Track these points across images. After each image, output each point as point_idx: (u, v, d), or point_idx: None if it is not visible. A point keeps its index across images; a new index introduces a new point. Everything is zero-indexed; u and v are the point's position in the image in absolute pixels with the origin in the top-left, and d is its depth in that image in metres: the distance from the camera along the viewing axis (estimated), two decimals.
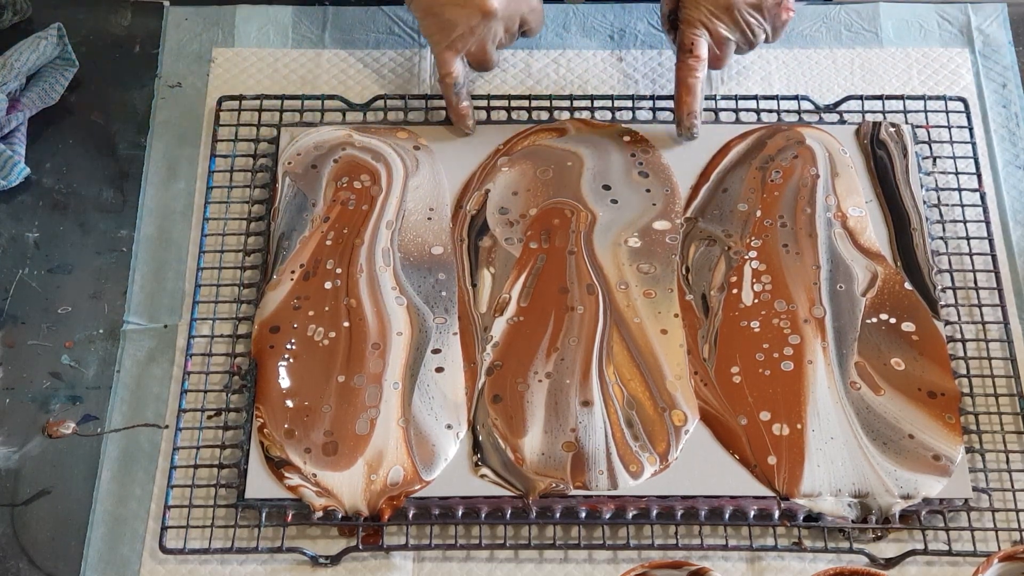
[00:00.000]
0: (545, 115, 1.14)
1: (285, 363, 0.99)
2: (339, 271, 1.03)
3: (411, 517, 0.93)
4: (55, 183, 1.11)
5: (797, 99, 1.14)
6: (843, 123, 1.13)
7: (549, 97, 1.14)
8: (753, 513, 0.93)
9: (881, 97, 1.14)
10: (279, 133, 1.11)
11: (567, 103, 1.14)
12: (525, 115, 1.14)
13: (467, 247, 1.05)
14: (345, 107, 1.14)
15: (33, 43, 1.13)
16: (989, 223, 1.07)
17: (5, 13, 1.18)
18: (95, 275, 1.06)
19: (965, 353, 1.01)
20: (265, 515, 0.93)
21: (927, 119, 1.13)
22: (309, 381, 0.98)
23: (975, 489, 0.94)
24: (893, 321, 1.01)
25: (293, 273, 1.03)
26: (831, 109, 1.14)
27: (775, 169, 1.09)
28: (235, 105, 1.13)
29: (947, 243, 1.06)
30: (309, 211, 1.06)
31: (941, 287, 1.03)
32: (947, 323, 1.02)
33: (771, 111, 1.14)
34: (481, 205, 1.07)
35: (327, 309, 1.01)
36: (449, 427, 0.96)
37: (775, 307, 1.02)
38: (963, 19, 1.21)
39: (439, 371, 0.99)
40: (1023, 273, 1.06)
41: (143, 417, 0.99)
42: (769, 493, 0.93)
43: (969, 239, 1.06)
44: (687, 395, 0.97)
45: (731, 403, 0.97)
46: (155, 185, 1.11)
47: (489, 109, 1.13)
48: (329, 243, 1.05)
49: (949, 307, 1.03)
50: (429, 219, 1.07)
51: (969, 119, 1.13)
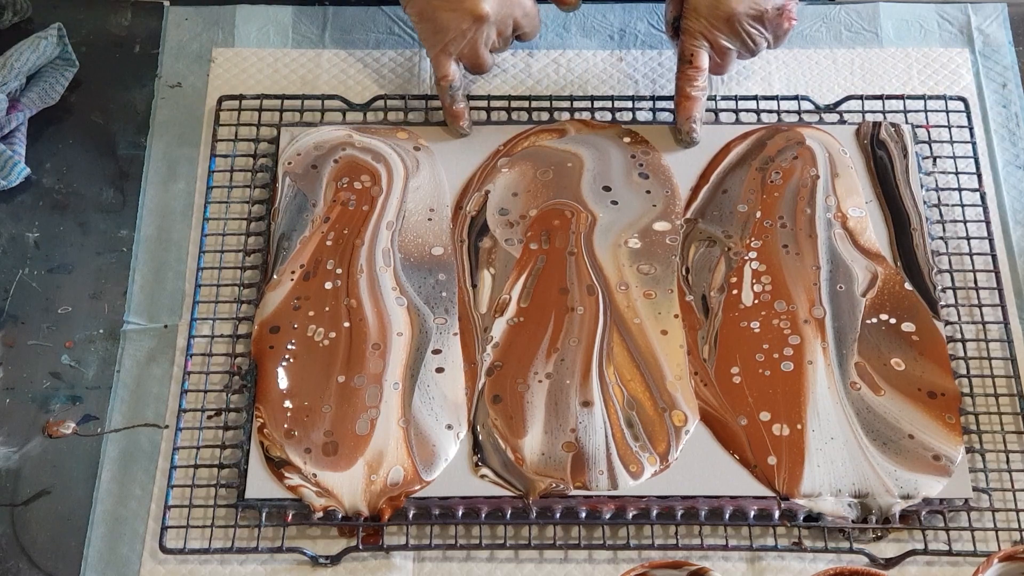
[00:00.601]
0: (545, 115, 1.14)
1: (285, 363, 0.99)
2: (339, 271, 1.03)
3: (411, 517, 0.93)
4: (55, 183, 1.11)
5: (797, 99, 1.14)
6: (843, 123, 1.13)
7: (549, 98, 1.14)
8: (753, 513, 0.93)
9: (881, 97, 1.14)
10: (279, 133, 1.11)
11: (567, 103, 1.14)
12: (525, 116, 1.14)
13: (467, 248, 1.05)
14: (345, 107, 1.14)
15: (33, 43, 1.13)
16: (989, 223, 1.07)
17: (5, 13, 1.18)
18: (95, 275, 1.06)
19: (965, 353, 1.01)
20: (265, 515, 0.93)
21: (927, 119, 1.13)
22: (309, 381, 0.98)
23: (975, 489, 0.94)
24: (893, 321, 1.01)
25: (293, 273, 1.03)
26: (831, 109, 1.14)
27: (775, 170, 1.09)
28: (235, 105, 1.13)
29: (947, 243, 1.06)
30: (309, 211, 1.06)
31: (941, 287, 1.03)
32: (947, 323, 1.02)
33: (771, 111, 1.14)
34: (481, 206, 1.07)
35: (327, 309, 1.01)
36: (449, 427, 0.96)
37: (775, 307, 1.02)
38: (963, 19, 1.21)
39: (439, 371, 0.99)
40: (1023, 273, 1.06)
41: (143, 417, 0.99)
42: (769, 493, 0.93)
43: (969, 239, 1.06)
44: (687, 395, 0.97)
45: (731, 403, 0.97)
46: (155, 185, 1.11)
47: (489, 110, 1.13)
48: (329, 243, 1.05)
49: (949, 307, 1.03)
50: (429, 220, 1.07)
51: (969, 119, 1.13)
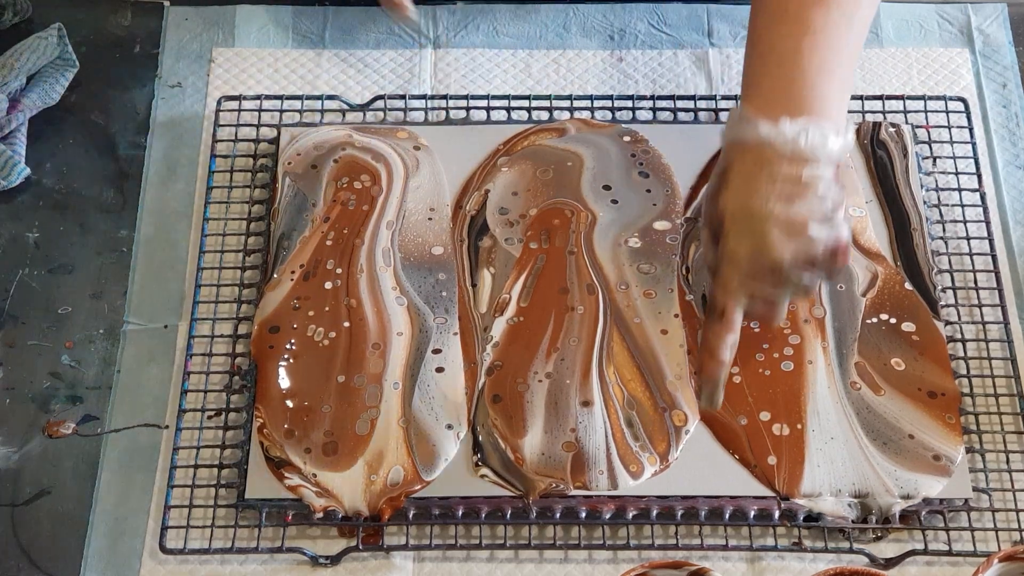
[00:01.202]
0: (545, 115, 1.13)
1: (285, 363, 0.98)
2: (339, 271, 1.03)
3: (411, 517, 0.93)
4: (55, 183, 1.11)
5: None
6: None
7: (549, 97, 1.14)
8: (753, 513, 0.93)
9: (881, 97, 1.14)
10: (279, 133, 1.11)
11: (567, 103, 1.14)
12: (525, 115, 1.14)
13: (467, 247, 1.05)
14: (345, 107, 1.14)
15: (33, 43, 1.13)
16: (989, 223, 1.07)
17: (5, 13, 1.18)
18: (95, 275, 1.06)
19: (965, 353, 1.01)
20: (265, 515, 0.93)
21: (927, 119, 1.13)
22: (309, 381, 0.98)
23: (975, 489, 0.94)
24: (893, 321, 1.01)
25: (293, 273, 1.03)
26: None
27: None
28: (235, 105, 1.13)
29: (947, 243, 1.06)
30: (309, 211, 1.06)
31: (941, 287, 1.03)
32: (947, 323, 1.02)
33: None
34: (481, 205, 1.07)
35: (327, 309, 1.01)
36: (449, 427, 0.96)
37: None
38: (963, 19, 1.21)
39: (439, 371, 0.98)
40: (1023, 273, 1.06)
41: (143, 417, 0.99)
42: (769, 493, 0.93)
43: (969, 239, 1.06)
44: (687, 395, 0.97)
45: (731, 403, 0.97)
46: (155, 185, 1.10)
47: (489, 109, 1.13)
48: (329, 243, 1.05)
49: (949, 307, 1.03)
50: (429, 219, 1.07)
51: (969, 119, 1.13)
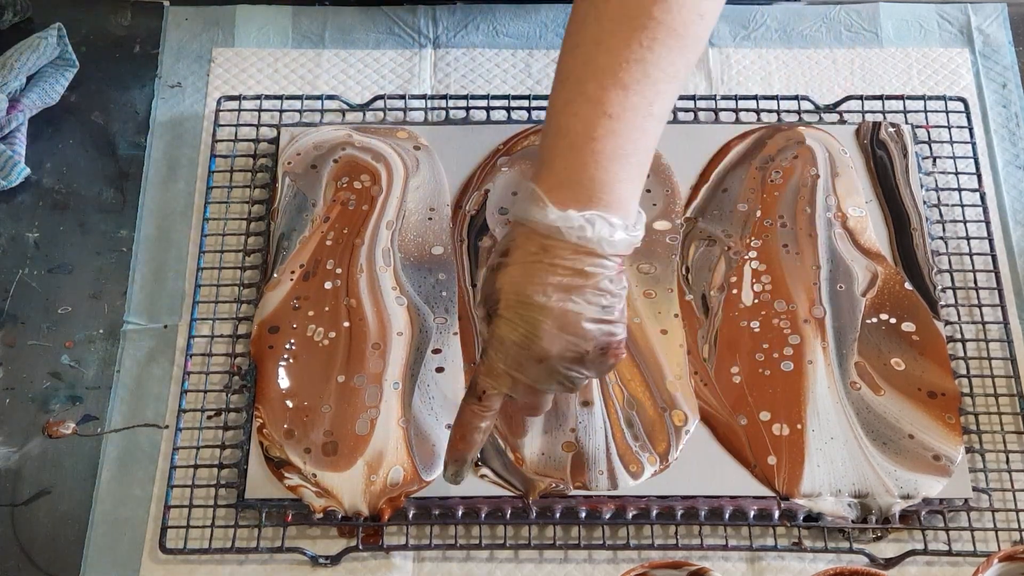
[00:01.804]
0: (544, 115, 1.13)
1: (284, 363, 0.98)
2: (339, 271, 1.03)
3: (411, 517, 0.93)
4: (55, 183, 1.11)
5: (797, 99, 1.14)
6: (843, 123, 1.13)
7: (549, 97, 1.14)
8: (753, 513, 0.93)
9: (881, 97, 1.14)
10: (279, 133, 1.11)
11: None
12: (525, 115, 1.14)
13: (467, 247, 1.05)
14: (345, 107, 1.14)
15: (33, 43, 1.13)
16: (989, 223, 1.07)
17: (5, 13, 1.18)
18: (95, 275, 1.06)
19: (965, 353, 1.01)
20: (265, 515, 0.93)
21: (927, 119, 1.13)
22: (309, 381, 0.98)
23: (975, 489, 0.94)
24: (893, 321, 1.01)
25: (293, 273, 1.03)
26: (831, 109, 1.14)
27: (775, 169, 1.09)
28: (235, 105, 1.13)
29: (947, 243, 1.06)
30: (309, 211, 1.06)
31: (941, 287, 1.03)
32: (947, 323, 1.02)
33: (771, 111, 1.14)
34: (481, 205, 1.07)
35: (327, 309, 1.01)
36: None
37: (775, 307, 1.02)
38: (963, 19, 1.21)
39: (439, 371, 0.98)
40: (1023, 273, 1.06)
41: (143, 417, 0.99)
42: (769, 493, 0.93)
43: (969, 239, 1.06)
44: (687, 395, 0.97)
45: (731, 403, 0.97)
46: (155, 185, 1.10)
47: (489, 109, 1.13)
48: (329, 243, 1.05)
49: (949, 307, 1.03)
50: (430, 219, 1.07)
51: (969, 119, 1.13)
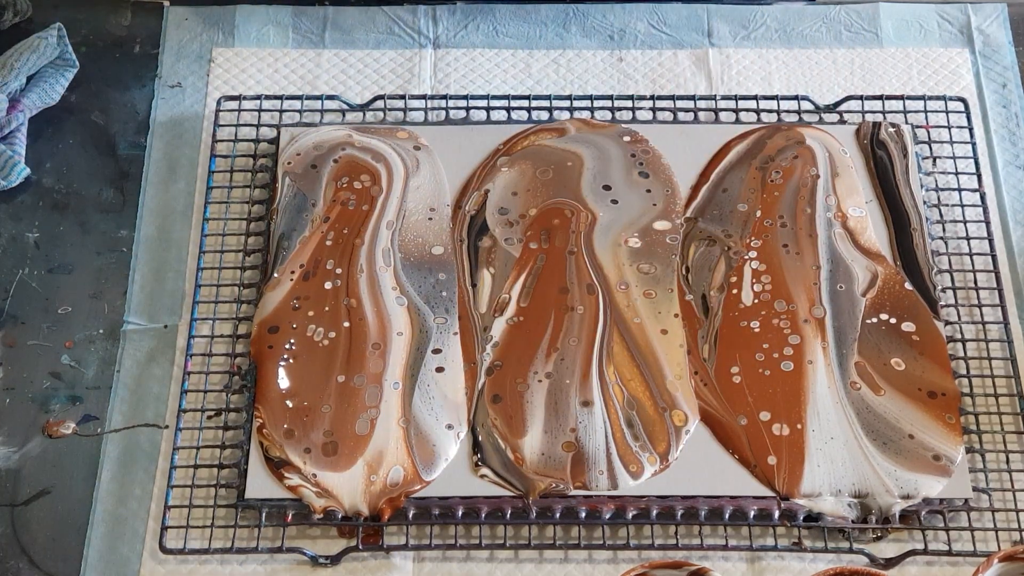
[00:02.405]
0: (545, 115, 1.14)
1: (284, 363, 0.98)
2: (339, 271, 1.03)
3: (411, 517, 0.93)
4: (55, 183, 1.11)
5: (797, 99, 1.14)
6: (843, 123, 1.13)
7: (549, 97, 1.14)
8: (753, 513, 0.93)
9: (881, 97, 1.14)
10: (279, 133, 1.11)
11: (567, 103, 1.14)
12: (525, 115, 1.14)
13: (467, 247, 1.05)
14: (345, 107, 1.14)
15: (33, 43, 1.13)
16: (989, 223, 1.07)
17: (5, 13, 1.18)
18: (95, 275, 1.06)
19: (965, 353, 1.01)
20: (265, 515, 0.93)
21: (927, 119, 1.13)
22: (309, 381, 0.98)
23: (975, 489, 0.94)
24: (893, 321, 1.01)
25: (293, 273, 1.03)
26: (831, 109, 1.14)
27: (775, 169, 1.09)
28: (235, 105, 1.13)
29: (947, 243, 1.06)
30: (309, 211, 1.06)
31: (941, 287, 1.03)
32: (947, 323, 1.02)
33: (771, 111, 1.14)
34: (481, 205, 1.07)
35: (327, 309, 1.01)
36: (449, 427, 0.96)
37: (775, 307, 1.02)
38: (963, 19, 1.21)
39: (439, 371, 0.98)
40: (1023, 273, 1.06)
41: (143, 417, 0.99)
42: (769, 493, 0.93)
43: (969, 239, 1.06)
44: (687, 395, 0.97)
45: (731, 403, 0.97)
46: (155, 185, 1.11)
47: (489, 109, 1.13)
48: (329, 243, 1.05)
49: (949, 307, 1.03)
50: (430, 219, 1.07)
51: (969, 119, 1.13)
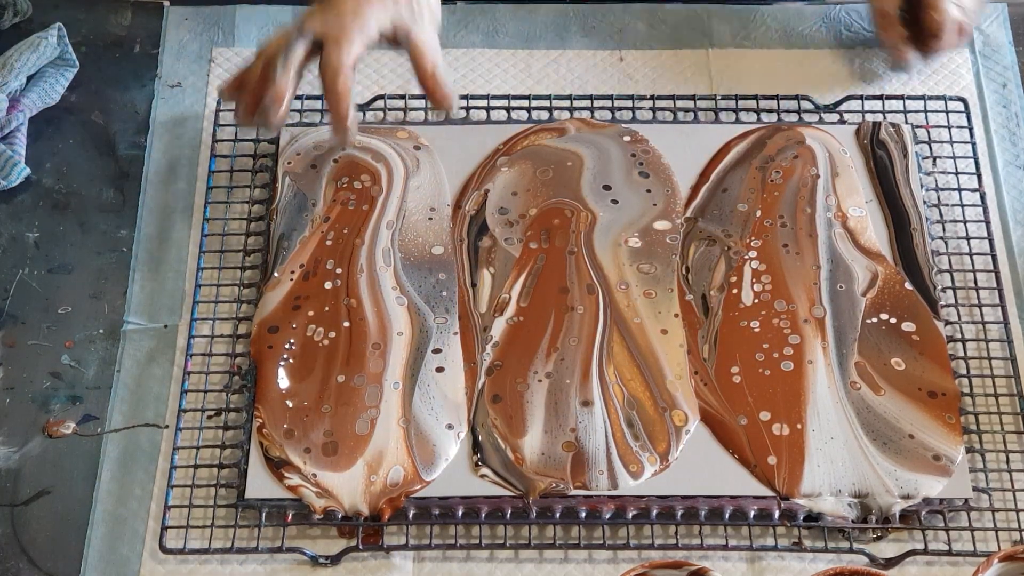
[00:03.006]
0: (545, 115, 1.13)
1: (284, 363, 0.98)
2: (339, 271, 1.03)
3: (411, 517, 0.93)
4: (55, 183, 1.11)
5: (797, 99, 1.14)
6: (843, 123, 1.13)
7: (549, 97, 1.14)
8: (753, 513, 0.93)
9: (881, 97, 1.14)
10: (279, 133, 1.11)
11: (567, 103, 1.14)
12: (525, 115, 1.14)
13: (467, 247, 1.05)
14: None
15: (33, 43, 1.13)
16: (989, 223, 1.07)
17: (5, 13, 1.18)
18: (95, 275, 1.06)
19: (965, 353, 1.01)
20: (265, 515, 0.93)
21: (927, 119, 1.13)
22: (309, 381, 0.98)
23: (975, 489, 0.94)
24: (893, 321, 1.01)
25: (293, 273, 1.03)
26: (831, 109, 1.14)
27: (775, 169, 1.09)
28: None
29: (947, 243, 1.06)
30: (309, 211, 1.06)
31: (941, 287, 1.03)
32: (947, 323, 1.02)
33: (771, 111, 1.14)
34: (480, 205, 1.07)
35: (327, 309, 1.01)
36: (450, 427, 0.96)
37: (775, 307, 1.02)
38: None
39: (440, 371, 0.98)
40: (1023, 273, 1.06)
41: (143, 417, 0.99)
42: (769, 493, 0.93)
43: (969, 239, 1.06)
44: (687, 395, 0.97)
45: (731, 403, 0.97)
46: (155, 185, 1.10)
47: (489, 109, 1.13)
48: (329, 243, 1.05)
49: (949, 307, 1.03)
50: (430, 219, 1.07)
51: (969, 119, 1.13)
